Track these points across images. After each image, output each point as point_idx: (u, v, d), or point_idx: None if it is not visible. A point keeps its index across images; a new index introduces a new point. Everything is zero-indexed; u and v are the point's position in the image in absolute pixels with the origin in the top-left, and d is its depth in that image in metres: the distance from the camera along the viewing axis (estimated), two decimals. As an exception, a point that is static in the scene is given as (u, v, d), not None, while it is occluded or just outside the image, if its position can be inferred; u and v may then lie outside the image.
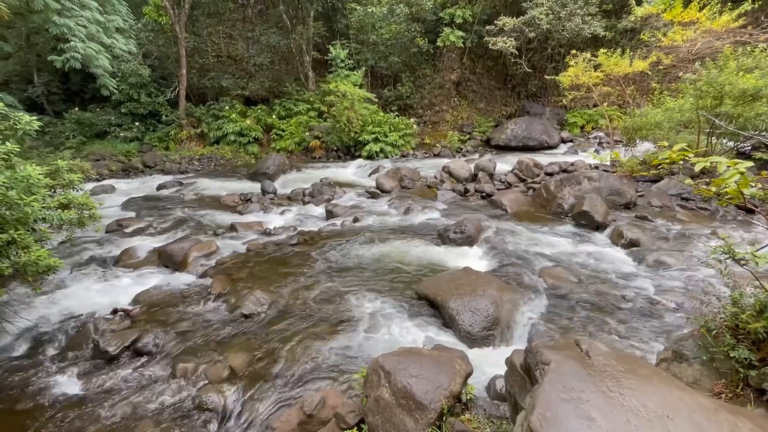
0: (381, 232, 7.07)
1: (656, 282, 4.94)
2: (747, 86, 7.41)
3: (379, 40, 17.73)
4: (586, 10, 15.46)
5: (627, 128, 10.38)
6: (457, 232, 6.39)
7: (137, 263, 6.08)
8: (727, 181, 1.96)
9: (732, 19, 9.99)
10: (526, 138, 15.34)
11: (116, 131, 15.06)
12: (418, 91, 18.34)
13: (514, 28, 15.63)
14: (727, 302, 2.66)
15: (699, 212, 7.56)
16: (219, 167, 14.37)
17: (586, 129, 17.12)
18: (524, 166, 10.46)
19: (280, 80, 17.70)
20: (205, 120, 15.94)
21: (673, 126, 9.40)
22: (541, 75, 17.23)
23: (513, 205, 8.17)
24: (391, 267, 5.64)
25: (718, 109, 7.88)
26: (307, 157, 15.54)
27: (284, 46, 17.46)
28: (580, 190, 7.86)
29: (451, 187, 9.93)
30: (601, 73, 11.19)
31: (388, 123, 15.26)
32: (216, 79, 16.55)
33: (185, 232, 7.48)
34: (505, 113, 18.96)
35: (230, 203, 9.46)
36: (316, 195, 9.66)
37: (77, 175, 6.68)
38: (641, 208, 7.82)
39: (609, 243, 6.37)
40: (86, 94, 16.45)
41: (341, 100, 14.15)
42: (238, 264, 5.81)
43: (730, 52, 8.18)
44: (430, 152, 15.75)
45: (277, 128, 16.27)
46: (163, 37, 15.82)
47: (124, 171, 13.33)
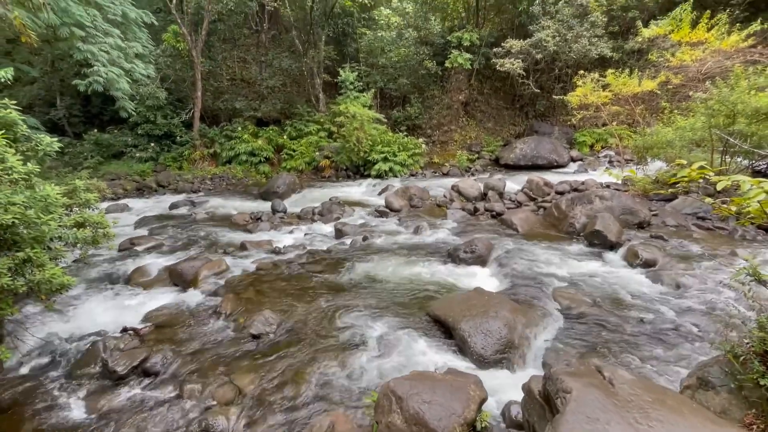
0: (390, 251, 7.03)
1: (675, 304, 4.77)
2: (760, 105, 7.35)
3: (388, 62, 18.18)
4: (592, 32, 15.67)
5: (638, 147, 10.32)
6: (467, 252, 6.32)
7: (148, 282, 6.11)
8: (750, 200, 1.91)
9: (741, 39, 10.02)
10: (535, 157, 15.32)
11: (132, 152, 15.49)
12: (427, 112, 18.59)
13: (521, 50, 15.88)
14: (754, 326, 2.55)
15: (716, 232, 7.37)
16: (230, 186, 14.58)
17: (596, 148, 17.06)
18: (534, 185, 10.40)
19: (291, 102, 18.14)
20: (218, 140, 16.33)
21: (685, 144, 9.33)
22: (549, 95, 17.37)
23: (524, 224, 8.08)
24: (401, 287, 5.57)
25: (732, 128, 7.81)
26: (317, 177, 15.71)
27: (296, 69, 17.97)
28: (591, 209, 7.75)
29: (460, 206, 9.89)
30: (609, 92, 11.24)
31: (397, 143, 15.42)
32: (229, 101, 17.03)
33: (196, 250, 7.54)
34: (514, 133, 19.05)
35: (241, 222, 9.54)
36: (325, 214, 9.70)
37: (93, 194, 6.82)
38: (655, 228, 7.66)
39: (623, 263, 6.22)
40: (105, 117, 17.05)
41: (351, 120, 14.39)
42: (247, 283, 5.80)
43: (740, 72, 8.16)
44: (439, 171, 15.81)
45: (287, 148, 16.56)
46: (180, 61, 16.42)
47: (138, 190, 13.61)
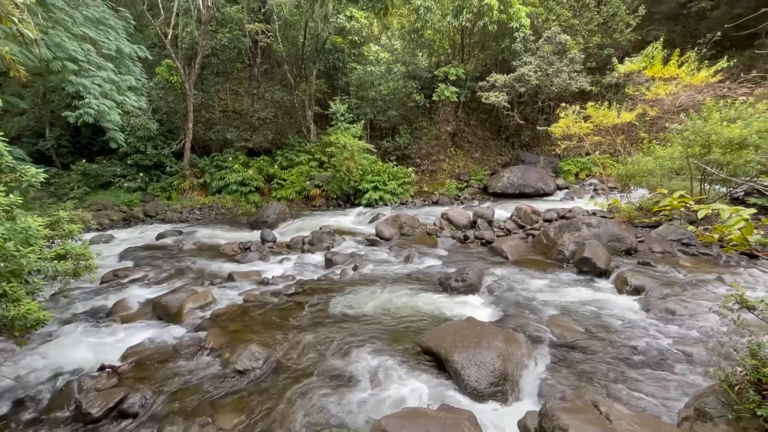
0: (381, 280, 6.95)
1: (666, 331, 4.76)
2: (733, 135, 7.70)
3: (377, 95, 18.76)
4: (571, 68, 16.51)
5: (621, 175, 10.63)
6: (458, 280, 6.28)
7: (130, 315, 5.88)
8: (731, 228, 1.95)
9: (710, 75, 10.63)
10: (523, 185, 15.64)
11: (121, 182, 15.37)
12: (416, 142, 19.02)
13: (505, 83, 16.57)
14: (746, 354, 2.54)
15: (701, 257, 7.49)
16: (219, 216, 14.46)
17: (581, 176, 17.54)
18: (522, 212, 10.55)
19: (282, 132, 18.41)
20: (208, 170, 16.34)
21: (665, 173, 9.64)
22: (533, 126, 18.00)
23: (514, 251, 8.12)
24: (392, 317, 5.47)
25: (708, 157, 8.13)
26: (308, 206, 15.71)
27: (288, 101, 18.38)
28: (579, 236, 7.85)
29: (450, 234, 9.93)
30: (590, 124, 11.68)
31: (387, 172, 15.64)
32: (221, 132, 17.21)
33: (182, 282, 7.34)
34: (501, 162, 19.52)
35: (229, 252, 9.39)
36: (315, 243, 9.62)
37: (77, 225, 6.71)
38: (643, 254, 7.76)
39: (613, 290, 6.24)
40: (95, 147, 17.00)
41: (341, 150, 14.61)
42: (234, 315, 5.63)
43: (712, 104, 8.60)
44: (429, 200, 15.97)
45: (278, 178, 16.64)
46: (172, 94, 16.67)
47: (125, 220, 13.39)
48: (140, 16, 15.72)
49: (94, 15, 9.37)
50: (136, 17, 15.27)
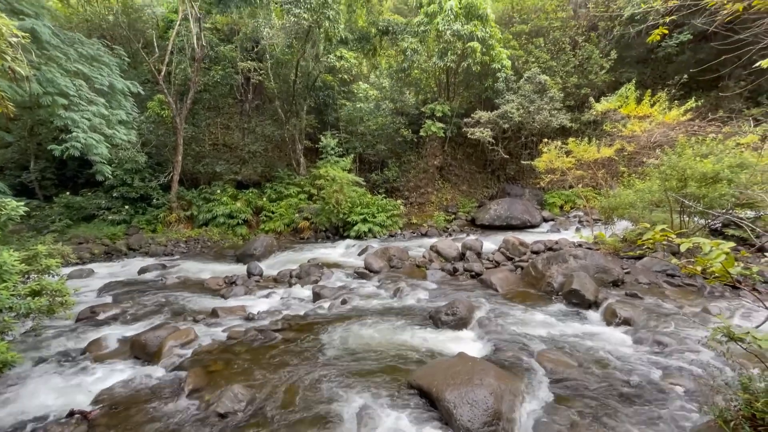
0: (370, 314, 6.81)
1: (658, 364, 4.72)
2: (706, 170, 8.05)
3: (366, 130, 19.26)
4: (552, 106, 17.32)
5: (604, 208, 10.91)
6: (449, 314, 6.19)
7: (106, 355, 5.59)
8: (712, 260, 2.00)
9: (681, 114, 11.26)
10: (509, 217, 15.88)
11: (105, 214, 15.08)
12: (404, 175, 19.34)
13: (489, 120, 17.23)
14: (738, 388, 2.53)
15: (686, 288, 7.59)
16: (206, 249, 14.19)
17: (565, 208, 17.95)
18: (510, 244, 10.64)
19: (272, 166, 18.56)
20: (195, 203, 16.21)
21: (645, 206, 9.93)
22: (518, 160, 18.56)
23: (503, 284, 8.11)
24: (382, 354, 5.31)
25: (685, 190, 8.44)
26: (296, 238, 15.58)
27: (278, 135, 18.68)
28: (567, 268, 7.91)
29: (440, 267, 9.90)
30: (572, 158, 12.10)
31: (376, 204, 15.75)
32: (210, 164, 17.25)
33: (163, 318, 7.06)
34: (487, 195, 19.90)
35: (214, 286, 9.14)
36: (303, 276, 9.46)
37: (55, 259, 6.50)
38: (629, 286, 7.83)
39: (603, 322, 6.22)
40: (80, 179, 16.80)
41: (331, 183, 14.74)
42: (217, 354, 5.40)
43: (684, 141, 9.04)
44: (418, 232, 16.03)
45: (267, 210, 16.57)
46: (163, 127, 16.81)
47: (106, 254, 13.02)
48: (135, 53, 16.11)
49: (89, 52, 9.57)
50: (131, 54, 15.66)
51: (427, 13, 16.43)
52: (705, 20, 5.11)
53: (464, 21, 15.68)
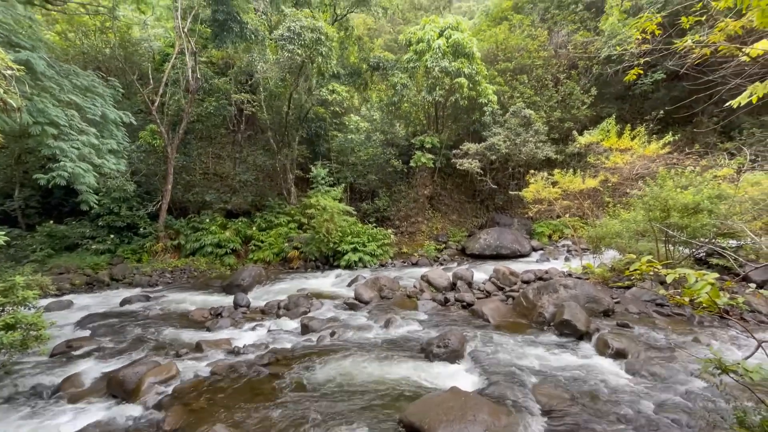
0: (360, 347, 6.63)
1: (652, 397, 4.65)
2: (687, 201, 8.32)
3: (357, 161, 19.56)
4: (537, 138, 17.92)
5: (591, 237, 11.07)
6: (440, 347, 6.07)
7: (81, 393, 5.29)
8: (698, 291, 2.03)
9: (659, 147, 11.74)
10: (499, 247, 15.97)
11: (89, 243, 14.71)
12: (395, 205, 19.48)
13: (477, 151, 17.69)
14: (733, 422, 2.50)
15: (676, 318, 7.63)
16: (192, 279, 13.84)
17: (554, 238, 18.16)
18: (501, 274, 10.64)
19: (263, 195, 18.55)
20: (183, 232, 15.97)
21: (632, 235, 10.12)
22: (506, 190, 18.92)
23: (494, 314, 8.03)
24: (372, 389, 5.13)
25: (668, 221, 8.65)
26: (285, 268, 15.34)
27: (269, 165, 18.81)
28: (558, 298, 7.91)
29: (431, 297, 9.79)
30: (559, 189, 12.39)
31: (367, 233, 15.72)
32: (200, 193, 17.17)
33: (144, 353, 6.77)
34: (477, 224, 20.09)
35: (199, 318, 8.85)
36: (291, 308, 9.24)
37: (33, 291, 6.26)
38: (620, 315, 7.83)
39: (595, 353, 6.16)
40: (65, 208, 16.49)
41: (321, 212, 14.74)
42: (199, 390, 5.15)
43: (665, 173, 9.38)
44: (408, 261, 15.95)
45: (256, 239, 16.38)
46: (154, 156, 16.81)
47: (88, 285, 12.59)
48: (129, 84, 16.35)
49: (83, 83, 9.68)
50: (126, 86, 15.87)
51: (416, 51, 17.20)
52: (676, 63, 5.47)
53: (451, 58, 16.42)
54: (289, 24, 14.73)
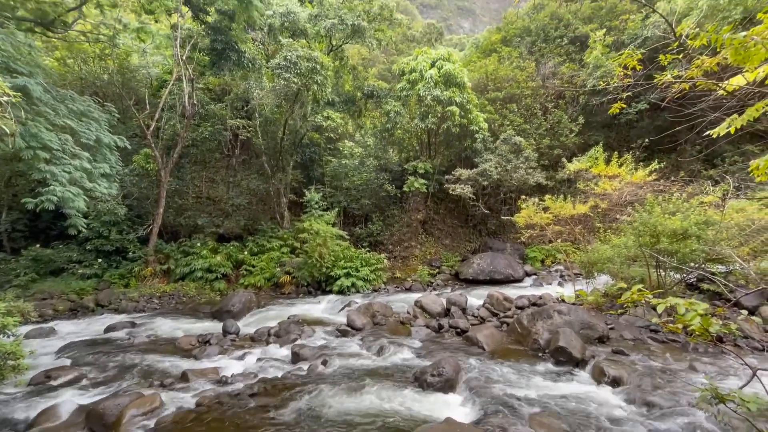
0: (352, 376, 6.46)
1: (650, 427, 4.56)
2: (675, 227, 8.46)
3: (351, 185, 19.71)
4: (527, 165, 18.29)
5: (583, 262, 11.12)
6: (434, 375, 5.93)
7: (57, 427, 5.03)
8: (690, 320, 2.04)
9: (646, 174, 12.03)
10: (493, 272, 15.94)
11: (75, 268, 14.37)
12: (388, 229, 19.49)
13: (469, 177, 17.95)
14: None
15: (670, 344, 7.59)
16: (180, 305, 13.51)
17: (547, 263, 18.20)
18: (495, 300, 10.57)
19: (256, 219, 18.46)
20: (173, 256, 15.72)
21: (623, 261, 10.19)
22: (498, 215, 19.11)
23: (489, 341, 7.92)
24: (365, 420, 4.96)
25: (658, 246, 8.76)
26: (276, 293, 15.08)
27: (263, 189, 18.84)
28: (552, 324, 7.85)
29: (424, 323, 9.65)
30: (550, 214, 12.53)
31: (360, 258, 15.62)
32: (192, 217, 17.03)
33: (127, 383, 6.50)
34: (470, 249, 20.11)
35: (186, 346, 8.58)
36: (282, 335, 9.02)
37: (14, 318, 6.06)
38: (615, 342, 7.78)
39: (592, 381, 6.07)
40: (53, 231, 16.20)
41: (314, 237, 14.67)
42: (184, 424, 4.93)
43: (653, 199, 9.57)
44: (402, 286, 15.80)
45: (247, 264, 16.16)
46: (147, 180, 16.76)
47: (72, 311, 12.21)
48: (126, 109, 16.51)
49: (79, 108, 9.76)
50: (122, 110, 16.03)
51: (409, 80, 17.74)
52: (657, 95, 5.71)
53: (443, 88, 16.94)
54: (285, 53, 15.17)
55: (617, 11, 23.25)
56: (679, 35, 3.08)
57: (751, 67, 2.84)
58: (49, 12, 10.46)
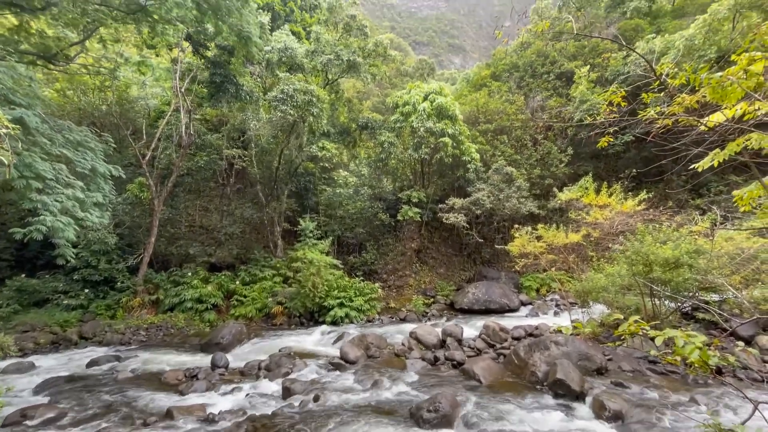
0: (345, 412, 6.21)
1: (656, 466, 4.40)
2: (667, 255, 8.54)
3: (345, 214, 19.78)
4: (519, 194, 18.58)
5: (578, 291, 11.09)
6: (431, 411, 5.74)
7: (29, 473, 4.72)
8: (689, 354, 2.03)
9: (636, 204, 12.27)
10: (488, 301, 15.79)
11: (60, 298, 13.95)
12: (382, 258, 19.39)
13: (462, 206, 18.14)
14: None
15: (670, 376, 7.47)
16: (168, 337, 13.07)
17: (542, 292, 18.10)
18: (491, 330, 10.42)
19: (249, 247, 18.29)
20: (163, 286, 15.38)
21: (618, 290, 10.18)
22: (492, 244, 19.16)
23: (486, 374, 7.73)
24: (358, 461, 4.73)
25: (651, 275, 8.80)
26: (268, 324, 14.71)
27: (257, 218, 18.80)
28: (549, 355, 7.72)
29: (420, 356, 9.43)
30: (543, 243, 12.61)
31: (354, 288, 15.42)
32: (184, 246, 16.83)
33: (108, 422, 6.18)
34: (464, 278, 20.00)
35: (172, 381, 8.25)
36: (273, 368, 8.73)
37: (-6, 352, 5.81)
38: (614, 373, 7.64)
39: (592, 415, 5.91)
40: (40, 261, 15.86)
41: (308, 266, 14.52)
42: (166, 467, 4.66)
43: (643, 228, 9.71)
44: (396, 317, 15.53)
45: (239, 294, 15.85)
46: (139, 209, 16.66)
47: (53, 344, 11.74)
48: (122, 139, 16.66)
49: (76, 138, 9.84)
50: (119, 140, 16.17)
51: (403, 112, 18.27)
52: (642, 129, 5.94)
53: (436, 120, 17.44)
54: (283, 86, 15.61)
55: (599, 50, 24.50)
56: (659, 74, 3.26)
57: (729, 105, 2.99)
58: (52, 46, 10.73)
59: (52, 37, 10.93)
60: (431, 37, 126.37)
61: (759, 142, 2.90)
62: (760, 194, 3.11)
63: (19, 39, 10.21)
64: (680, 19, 24.80)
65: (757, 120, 2.97)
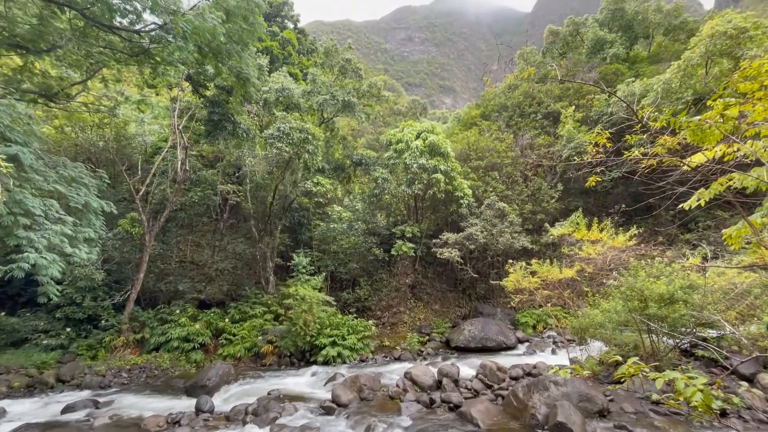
0: (337, 462, 5.85)
1: None
2: (661, 291, 8.53)
3: (339, 249, 19.67)
4: (512, 229, 18.72)
5: (575, 328, 10.92)
6: (427, 459, 5.43)
7: None
8: (691, 397, 1.98)
9: (627, 239, 12.41)
10: (484, 339, 15.43)
11: (40, 338, 13.36)
12: (376, 294, 19.08)
13: (456, 241, 18.17)
14: None
15: (673, 417, 7.21)
16: (151, 379, 12.45)
17: (538, 328, 17.79)
18: (488, 370, 10.11)
19: (239, 284, 17.94)
20: (149, 324, 14.85)
21: (615, 326, 10.05)
22: (487, 279, 19.03)
23: (484, 417, 7.41)
24: None
25: (647, 311, 8.73)
26: (257, 365, 14.13)
27: (249, 253, 18.59)
28: (549, 396, 7.46)
29: (415, 398, 9.05)
30: (538, 278, 12.57)
31: (347, 325, 15.03)
32: (173, 282, 16.45)
33: (79, 476, 5.73)
34: (460, 314, 19.65)
35: (153, 428, 7.77)
36: (260, 413, 8.29)
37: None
38: (616, 415, 7.37)
39: (598, 464, 5.62)
40: (23, 298, 15.33)
41: (300, 303, 14.19)
42: None
43: (636, 263, 9.76)
44: (390, 355, 15.05)
45: (228, 332, 15.31)
46: (130, 244, 16.41)
47: (28, 387, 11.11)
48: (117, 174, 16.72)
49: (70, 174, 9.87)
50: (114, 176, 16.23)
51: (396, 150, 18.71)
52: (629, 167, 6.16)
53: (428, 156, 17.86)
54: (279, 125, 16.02)
55: (583, 92, 25.74)
56: (641, 117, 3.42)
57: (709, 146, 3.13)
58: (54, 86, 11.00)
59: (55, 76, 11.23)
60: (423, 78, 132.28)
61: (741, 182, 3.00)
62: (748, 233, 3.19)
63: (22, 78, 10.47)
64: (656, 64, 26.39)
65: (737, 161, 3.11)
